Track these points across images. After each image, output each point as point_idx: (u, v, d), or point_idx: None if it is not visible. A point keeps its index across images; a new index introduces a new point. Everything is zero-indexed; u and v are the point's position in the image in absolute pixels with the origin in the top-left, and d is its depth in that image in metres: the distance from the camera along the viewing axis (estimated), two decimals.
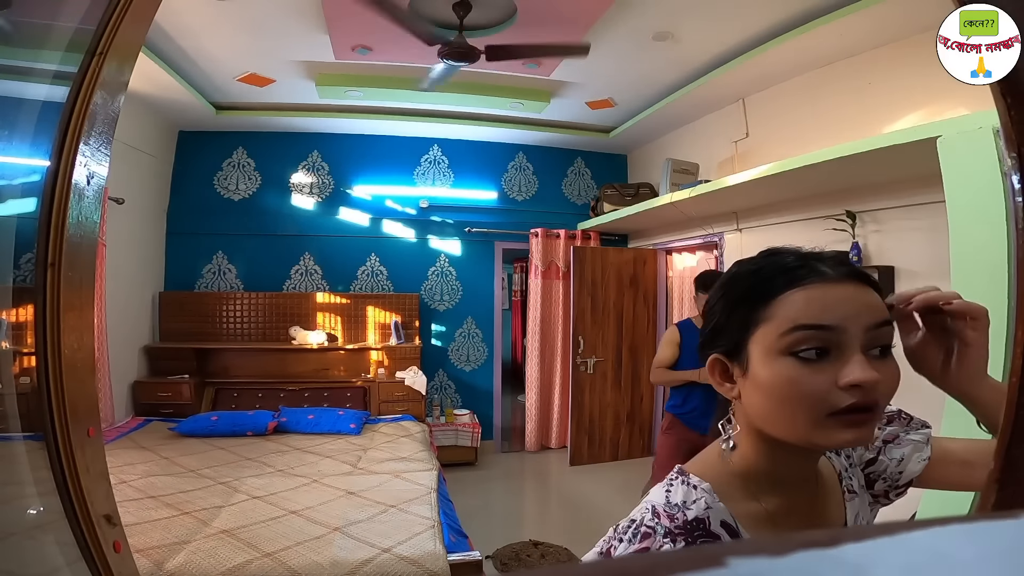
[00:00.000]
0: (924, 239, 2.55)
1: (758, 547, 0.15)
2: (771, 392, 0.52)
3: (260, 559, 1.91)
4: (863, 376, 0.48)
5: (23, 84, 1.06)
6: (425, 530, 2.18)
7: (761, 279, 0.55)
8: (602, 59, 3.46)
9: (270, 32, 3.19)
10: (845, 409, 0.49)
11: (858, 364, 0.49)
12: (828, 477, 0.65)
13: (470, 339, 5.07)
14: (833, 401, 0.49)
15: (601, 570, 0.19)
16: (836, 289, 0.52)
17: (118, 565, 0.92)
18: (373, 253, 4.92)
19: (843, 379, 0.49)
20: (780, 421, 0.52)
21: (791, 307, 0.51)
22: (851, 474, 0.67)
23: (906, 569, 0.15)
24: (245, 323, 4.57)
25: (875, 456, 0.68)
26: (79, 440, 0.88)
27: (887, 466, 0.67)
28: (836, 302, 0.51)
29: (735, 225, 3.74)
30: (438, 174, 5.06)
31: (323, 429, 3.72)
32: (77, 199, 0.88)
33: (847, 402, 0.49)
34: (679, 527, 0.52)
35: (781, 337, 0.51)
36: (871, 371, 0.49)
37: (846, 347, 0.50)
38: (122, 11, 0.90)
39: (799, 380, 0.50)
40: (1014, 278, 0.73)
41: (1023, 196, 0.52)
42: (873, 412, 0.50)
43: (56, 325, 0.86)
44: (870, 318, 0.51)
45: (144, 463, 2.94)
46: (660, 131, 4.68)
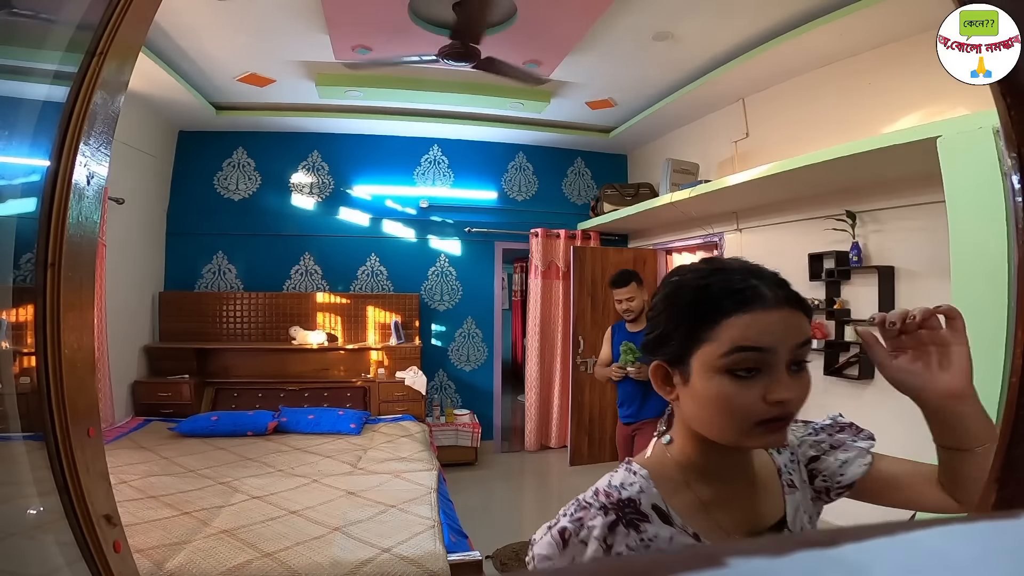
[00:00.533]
0: (924, 239, 2.55)
1: (758, 547, 0.15)
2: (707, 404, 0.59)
3: (260, 559, 1.91)
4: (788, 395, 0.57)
5: (23, 84, 1.06)
6: (425, 530, 2.18)
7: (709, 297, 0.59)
8: (602, 59, 3.46)
9: (270, 32, 3.19)
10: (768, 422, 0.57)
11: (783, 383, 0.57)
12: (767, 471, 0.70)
13: (470, 339, 5.07)
14: (760, 414, 0.57)
15: (601, 570, 0.19)
16: (773, 314, 0.57)
17: (118, 565, 0.92)
18: (373, 253, 4.92)
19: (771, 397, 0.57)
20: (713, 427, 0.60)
21: (734, 330, 0.57)
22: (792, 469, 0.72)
23: (906, 569, 0.15)
24: (245, 323, 4.57)
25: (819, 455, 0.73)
26: (79, 440, 0.88)
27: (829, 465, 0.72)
28: (772, 325, 0.57)
29: (735, 225, 3.74)
30: (438, 174, 5.06)
31: (323, 429, 3.72)
32: (77, 199, 0.88)
33: (772, 415, 0.57)
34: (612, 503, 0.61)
35: (721, 357, 0.57)
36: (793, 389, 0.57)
37: (774, 366, 0.57)
38: (122, 11, 0.90)
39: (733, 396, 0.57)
40: (1014, 278, 0.73)
41: (1023, 196, 0.52)
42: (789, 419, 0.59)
43: (56, 325, 0.86)
44: (796, 339, 0.58)
45: (144, 463, 2.94)
46: (660, 131, 4.68)
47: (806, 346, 0.59)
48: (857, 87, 2.96)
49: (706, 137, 4.18)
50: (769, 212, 3.45)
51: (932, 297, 2.47)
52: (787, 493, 0.70)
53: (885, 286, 2.68)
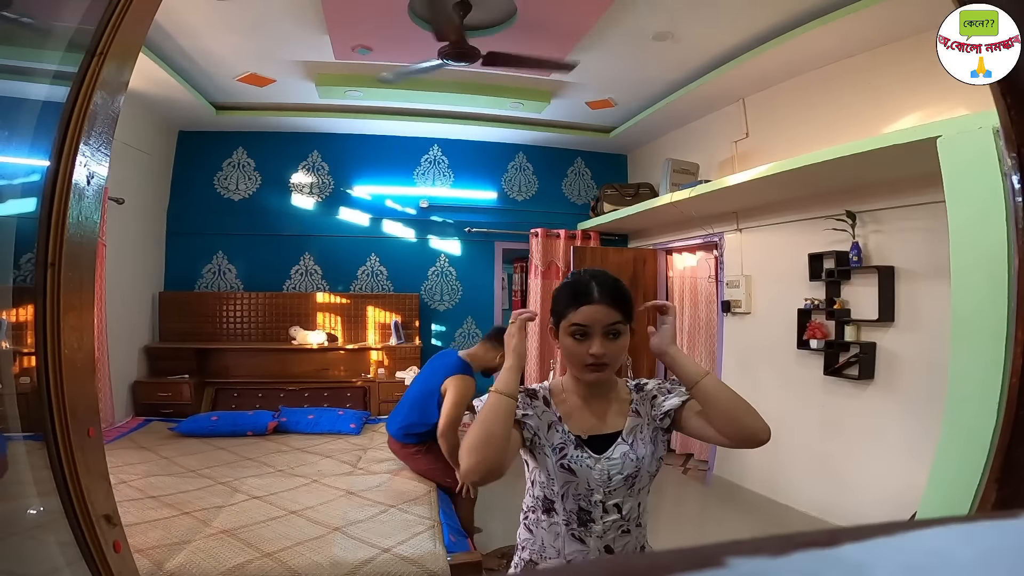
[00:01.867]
0: (924, 239, 2.55)
1: (758, 547, 0.15)
2: (564, 352, 1.07)
3: (260, 559, 1.91)
4: (597, 351, 1.01)
5: (23, 84, 1.06)
6: (425, 530, 2.18)
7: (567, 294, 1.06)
8: (602, 59, 3.46)
9: (270, 32, 3.19)
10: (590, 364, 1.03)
11: (597, 344, 1.02)
12: (622, 400, 1.12)
13: (470, 339, 5.07)
14: (586, 360, 1.03)
15: (601, 570, 0.19)
16: (594, 307, 1.02)
17: (118, 565, 0.92)
18: (373, 253, 4.92)
19: (589, 352, 1.02)
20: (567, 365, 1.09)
21: (575, 315, 1.03)
22: (640, 401, 1.12)
23: (906, 569, 0.15)
24: (245, 323, 4.56)
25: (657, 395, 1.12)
26: (79, 440, 0.88)
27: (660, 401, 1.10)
28: (592, 313, 1.02)
29: (735, 225, 3.74)
30: (438, 174, 5.06)
31: (323, 429, 3.71)
32: (77, 199, 0.88)
33: (590, 362, 1.02)
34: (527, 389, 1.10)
35: (568, 327, 1.04)
36: (601, 348, 1.01)
37: (594, 335, 1.02)
38: (122, 11, 0.90)
39: (572, 348, 1.04)
40: (1014, 278, 0.73)
41: (1023, 196, 0.52)
42: (606, 366, 1.03)
43: (56, 325, 0.86)
44: (607, 321, 1.02)
45: (144, 463, 2.94)
46: (660, 131, 4.68)
47: (614, 325, 1.02)
48: (857, 87, 2.96)
49: (706, 137, 4.18)
50: (769, 212, 3.45)
51: (932, 297, 2.47)
52: (629, 415, 1.10)
53: (885, 286, 2.68)
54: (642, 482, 1.06)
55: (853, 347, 2.83)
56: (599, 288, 1.03)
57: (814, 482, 3.05)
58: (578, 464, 1.04)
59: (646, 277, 4.65)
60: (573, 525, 1.06)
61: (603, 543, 1.05)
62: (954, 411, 1.72)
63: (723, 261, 3.84)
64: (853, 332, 2.83)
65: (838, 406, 2.95)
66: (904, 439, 2.58)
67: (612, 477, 1.04)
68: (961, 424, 1.67)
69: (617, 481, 1.04)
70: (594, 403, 1.09)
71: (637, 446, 1.06)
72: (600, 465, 1.04)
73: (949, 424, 1.73)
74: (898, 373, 2.66)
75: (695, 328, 4.44)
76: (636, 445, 1.06)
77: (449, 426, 2.56)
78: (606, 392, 1.10)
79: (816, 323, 3.04)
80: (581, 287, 1.03)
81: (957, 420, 1.70)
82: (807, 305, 3.09)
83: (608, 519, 1.05)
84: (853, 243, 2.81)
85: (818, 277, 3.03)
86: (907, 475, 2.50)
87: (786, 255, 3.30)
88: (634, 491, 1.06)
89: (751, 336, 3.61)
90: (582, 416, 1.08)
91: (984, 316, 1.62)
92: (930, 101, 2.54)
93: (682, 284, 4.61)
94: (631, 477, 1.04)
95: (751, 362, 3.61)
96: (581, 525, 1.05)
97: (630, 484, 1.05)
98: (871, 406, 2.77)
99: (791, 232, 3.30)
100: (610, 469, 1.04)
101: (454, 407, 2.53)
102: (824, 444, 3.01)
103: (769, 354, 3.42)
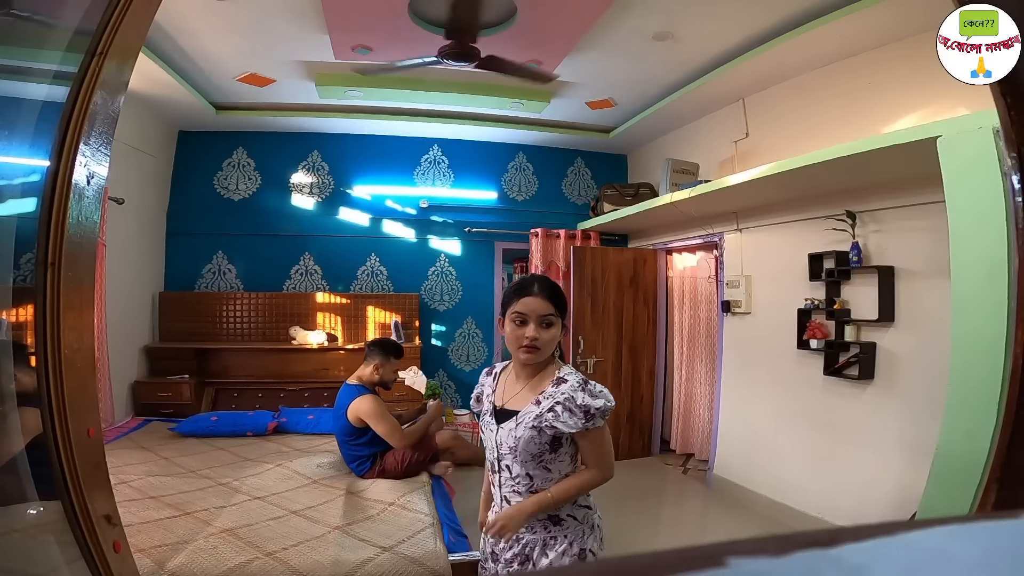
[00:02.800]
0: (924, 239, 2.55)
1: (758, 547, 0.15)
2: (507, 335, 1.32)
3: (262, 558, 1.91)
4: (531, 335, 1.26)
5: (23, 84, 1.06)
6: (425, 529, 2.18)
7: (514, 289, 1.32)
8: (602, 59, 3.46)
9: (270, 32, 3.19)
10: (525, 346, 1.27)
11: (531, 330, 1.26)
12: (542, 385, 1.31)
13: (470, 339, 5.07)
14: (522, 342, 1.27)
15: (601, 570, 0.19)
16: (532, 299, 1.27)
17: (118, 565, 0.92)
18: (373, 253, 4.92)
19: (524, 335, 1.27)
20: (508, 346, 1.32)
21: (517, 304, 1.28)
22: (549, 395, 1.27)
23: (906, 569, 0.15)
24: (245, 323, 4.56)
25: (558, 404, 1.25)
26: (79, 440, 0.88)
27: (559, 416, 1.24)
28: (529, 304, 1.27)
29: (735, 225, 3.74)
30: (438, 174, 5.06)
31: (323, 429, 3.71)
32: (77, 199, 0.88)
33: (525, 343, 1.27)
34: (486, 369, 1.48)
35: (511, 315, 1.29)
36: (535, 333, 1.26)
37: (530, 321, 1.27)
38: (122, 11, 0.90)
39: (513, 332, 1.29)
40: (1014, 278, 0.73)
41: (1023, 196, 0.52)
42: (538, 350, 1.27)
43: (56, 325, 0.86)
44: (541, 312, 1.27)
45: (144, 463, 2.94)
46: (660, 131, 4.68)
47: (547, 316, 1.27)
48: (857, 87, 2.96)
49: (706, 137, 4.18)
50: (769, 212, 3.45)
51: (932, 297, 2.47)
52: (532, 403, 1.29)
53: (885, 286, 2.68)
54: (524, 456, 1.27)
55: (853, 347, 2.83)
56: (539, 285, 1.29)
57: (814, 482, 3.05)
58: (486, 428, 1.38)
59: (646, 277, 4.65)
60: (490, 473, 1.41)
61: (503, 493, 1.34)
62: (954, 411, 1.72)
63: (723, 261, 3.84)
64: (853, 332, 2.83)
65: (838, 406, 2.94)
66: (904, 439, 2.58)
67: (501, 444, 1.31)
68: (961, 424, 1.67)
69: (504, 449, 1.31)
70: (520, 383, 1.35)
71: (520, 428, 1.27)
72: (495, 433, 1.33)
73: (949, 424, 1.73)
74: (898, 373, 2.65)
75: (695, 328, 4.44)
76: (520, 427, 1.28)
77: (393, 432, 2.73)
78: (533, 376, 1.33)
79: (816, 323, 3.04)
80: (525, 283, 1.31)
81: (957, 420, 1.70)
82: (807, 305, 3.09)
83: (503, 475, 1.33)
84: (853, 243, 2.81)
85: (818, 277, 3.02)
86: (907, 475, 2.50)
87: (786, 255, 3.30)
88: (518, 460, 1.28)
89: (751, 336, 3.61)
90: (507, 391, 1.36)
91: (984, 316, 1.62)
92: (930, 101, 2.54)
93: (682, 284, 4.61)
94: (512, 449, 1.28)
95: (751, 362, 3.61)
96: (492, 473, 1.38)
97: (514, 454, 1.28)
98: (871, 406, 2.77)
99: (791, 232, 3.30)
100: (501, 438, 1.31)
101: (380, 420, 2.70)
102: (824, 444, 3.01)
103: (769, 354, 3.42)
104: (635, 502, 3.51)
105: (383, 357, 2.87)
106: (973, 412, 1.59)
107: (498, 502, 1.35)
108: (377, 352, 2.88)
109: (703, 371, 4.39)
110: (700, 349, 4.40)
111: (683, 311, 4.56)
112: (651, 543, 3.04)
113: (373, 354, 2.88)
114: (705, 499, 3.76)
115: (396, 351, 2.95)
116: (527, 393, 1.31)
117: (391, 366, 2.90)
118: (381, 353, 2.88)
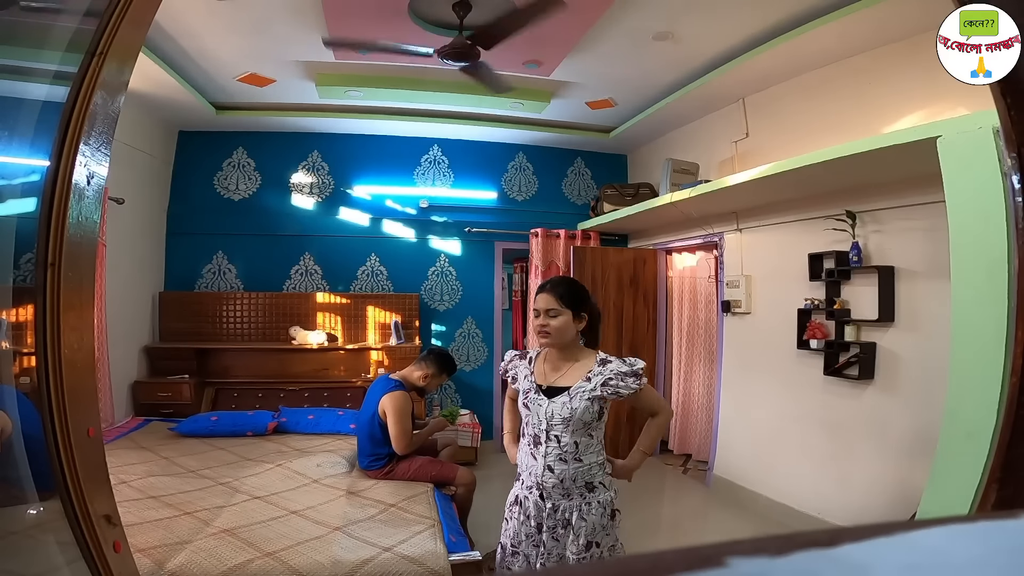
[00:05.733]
0: (924, 239, 2.55)
1: (758, 547, 0.15)
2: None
3: (261, 558, 1.91)
4: (541, 322, 1.61)
5: (23, 84, 1.06)
6: (425, 529, 2.18)
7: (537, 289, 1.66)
8: (602, 59, 3.46)
9: (270, 32, 3.19)
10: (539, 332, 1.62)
11: (541, 318, 1.60)
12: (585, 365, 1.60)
13: (470, 339, 5.07)
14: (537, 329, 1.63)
15: (601, 570, 0.19)
16: (541, 296, 1.62)
17: (118, 565, 0.92)
18: (373, 253, 4.92)
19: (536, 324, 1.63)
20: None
21: (534, 301, 1.66)
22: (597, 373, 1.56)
23: (906, 569, 0.15)
24: (245, 323, 4.56)
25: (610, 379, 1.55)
26: (79, 440, 0.88)
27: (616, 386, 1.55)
28: (540, 300, 1.62)
29: (735, 225, 3.74)
30: (438, 174, 5.05)
31: (323, 429, 3.71)
32: (77, 199, 0.88)
33: (539, 330, 1.62)
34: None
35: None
36: (544, 321, 1.60)
37: (541, 313, 1.61)
38: (122, 11, 0.89)
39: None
40: (1014, 278, 0.73)
41: (1023, 196, 0.52)
42: (548, 335, 1.59)
43: (56, 325, 0.86)
44: (547, 306, 1.60)
45: (144, 463, 2.94)
46: (660, 131, 4.68)
47: (552, 309, 1.58)
48: (857, 87, 2.96)
49: (706, 137, 4.18)
50: (769, 212, 3.45)
51: (932, 297, 2.47)
52: (582, 379, 1.56)
53: (885, 286, 2.68)
54: (576, 425, 1.53)
55: (853, 347, 2.83)
56: (549, 286, 1.63)
57: (814, 482, 3.05)
58: (532, 404, 1.59)
59: (646, 277, 4.65)
60: (531, 447, 1.60)
61: (546, 462, 1.55)
62: (954, 411, 1.72)
63: (723, 261, 3.84)
64: (853, 332, 2.83)
65: (838, 406, 2.94)
66: (904, 439, 2.58)
67: (553, 415, 1.54)
68: (961, 424, 1.67)
69: (556, 420, 1.53)
70: (561, 364, 1.63)
71: (575, 400, 1.53)
72: (544, 408, 1.56)
73: (949, 424, 1.73)
74: (898, 373, 2.65)
75: (695, 328, 4.44)
76: (575, 399, 1.53)
77: (403, 437, 2.68)
78: (570, 359, 1.63)
79: (816, 323, 3.04)
80: (541, 285, 1.65)
81: (957, 420, 1.70)
82: (807, 305, 3.09)
83: (550, 445, 1.55)
84: (853, 243, 2.81)
85: (818, 277, 3.03)
86: (907, 475, 2.50)
87: (786, 255, 3.30)
88: (568, 430, 1.53)
89: (751, 336, 3.61)
90: (548, 372, 1.64)
91: (984, 316, 1.62)
92: (930, 101, 2.54)
93: (682, 284, 4.61)
94: (566, 420, 1.52)
95: (751, 362, 3.61)
96: (535, 446, 1.58)
97: (565, 424, 1.53)
98: (871, 406, 2.77)
99: (791, 232, 3.30)
100: (553, 410, 1.54)
101: (398, 421, 2.66)
102: (824, 444, 3.01)
103: (769, 354, 3.42)
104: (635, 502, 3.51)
105: (438, 368, 2.87)
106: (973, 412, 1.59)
107: (539, 472, 1.56)
108: (434, 362, 2.87)
109: (703, 371, 4.39)
110: (700, 349, 4.40)
111: (683, 311, 4.56)
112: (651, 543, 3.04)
113: (429, 362, 2.87)
114: (705, 499, 3.76)
115: (451, 369, 2.97)
116: (574, 373, 1.59)
117: (438, 380, 2.90)
118: (437, 364, 2.87)
